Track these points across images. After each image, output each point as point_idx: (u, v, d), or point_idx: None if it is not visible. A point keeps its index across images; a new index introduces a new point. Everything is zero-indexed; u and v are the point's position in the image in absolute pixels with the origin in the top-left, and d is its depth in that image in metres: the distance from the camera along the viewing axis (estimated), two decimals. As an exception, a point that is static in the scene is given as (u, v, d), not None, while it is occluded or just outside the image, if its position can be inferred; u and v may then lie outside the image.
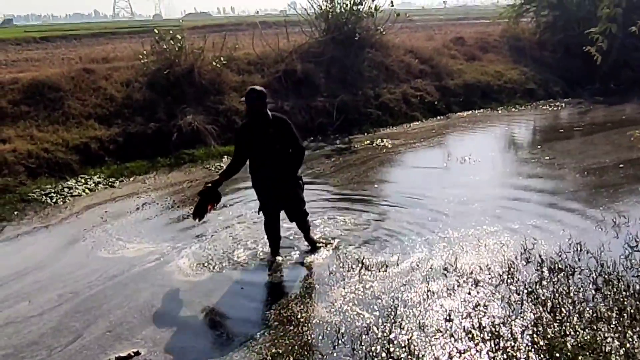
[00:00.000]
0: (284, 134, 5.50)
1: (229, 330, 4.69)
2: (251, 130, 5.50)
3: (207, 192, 5.67)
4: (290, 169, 5.66)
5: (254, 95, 5.33)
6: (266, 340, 4.50)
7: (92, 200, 8.24)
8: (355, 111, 13.05)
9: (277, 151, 5.51)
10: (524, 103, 15.63)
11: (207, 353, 4.38)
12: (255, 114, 5.39)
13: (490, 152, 10.69)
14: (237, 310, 5.03)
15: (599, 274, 5.29)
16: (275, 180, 5.61)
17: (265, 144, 5.46)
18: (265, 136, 5.44)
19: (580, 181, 8.44)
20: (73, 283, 5.62)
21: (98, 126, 10.44)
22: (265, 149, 5.49)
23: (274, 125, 5.47)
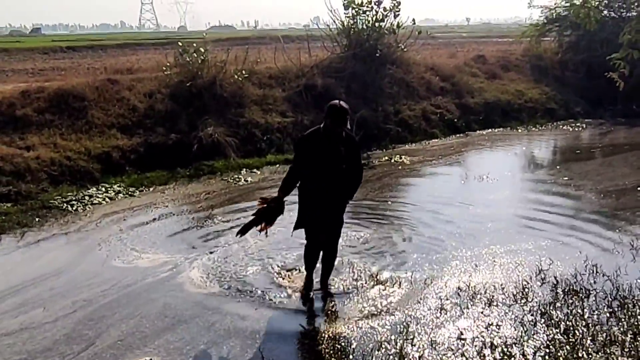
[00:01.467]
0: (352, 154, 5.12)
1: (242, 343, 4.71)
2: (321, 144, 5.00)
3: (267, 211, 5.21)
4: (349, 192, 5.28)
5: (343, 114, 4.87)
6: (280, 353, 4.53)
7: (111, 209, 8.35)
8: (375, 127, 13.09)
9: (342, 171, 5.08)
10: (544, 123, 15.57)
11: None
12: (337, 133, 4.93)
13: (509, 171, 10.65)
14: (249, 324, 5.04)
15: (615, 297, 5.27)
16: (332, 202, 5.20)
17: (333, 162, 5.02)
18: (336, 154, 5.00)
19: (597, 203, 8.39)
20: (87, 291, 5.69)
21: (120, 136, 10.60)
22: (332, 168, 5.04)
23: (346, 143, 5.05)
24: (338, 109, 4.88)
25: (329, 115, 4.89)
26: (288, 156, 11.21)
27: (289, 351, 4.55)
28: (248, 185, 9.62)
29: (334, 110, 4.89)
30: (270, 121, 12.14)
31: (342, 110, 4.87)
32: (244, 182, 9.81)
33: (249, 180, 9.91)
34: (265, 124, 12.02)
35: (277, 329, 4.95)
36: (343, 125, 4.89)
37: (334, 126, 4.89)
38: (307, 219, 5.30)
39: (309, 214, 5.26)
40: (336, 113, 4.88)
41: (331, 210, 5.24)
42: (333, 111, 4.89)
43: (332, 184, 5.09)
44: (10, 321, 5.10)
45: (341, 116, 4.86)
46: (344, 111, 4.87)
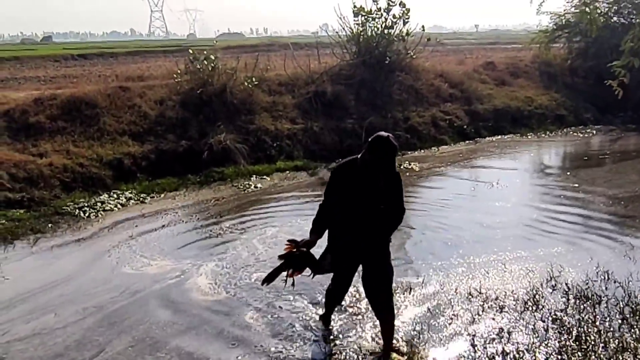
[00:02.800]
0: (393, 191, 4.22)
1: (251, 350, 4.73)
2: (357, 178, 4.16)
3: (298, 257, 4.35)
4: (386, 231, 4.34)
5: (391, 152, 4.02)
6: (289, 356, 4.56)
7: (123, 215, 8.41)
8: (384, 134, 13.07)
9: (379, 212, 4.22)
10: (554, 129, 15.54)
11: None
12: (379, 169, 4.08)
13: (519, 178, 10.65)
14: (257, 331, 5.07)
15: (626, 304, 5.26)
16: (364, 242, 4.30)
17: (369, 201, 4.19)
18: (373, 192, 4.17)
19: (607, 210, 8.37)
20: (97, 297, 5.74)
21: (131, 143, 10.67)
22: (368, 204, 4.20)
23: (387, 179, 4.17)
24: (384, 144, 3.98)
25: (373, 150, 3.99)
26: (298, 163, 11.29)
27: (298, 357, 4.56)
28: (258, 192, 9.66)
29: (379, 144, 3.98)
30: (280, 128, 12.19)
31: (389, 147, 3.98)
32: (254, 188, 9.85)
33: (259, 186, 9.95)
34: (275, 131, 12.07)
35: (285, 334, 4.95)
36: (388, 164, 4.05)
37: (375, 164, 4.03)
38: (336, 259, 4.46)
39: (339, 259, 4.45)
40: (381, 149, 3.99)
41: (365, 251, 4.35)
42: (378, 146, 3.99)
43: (368, 220, 4.22)
44: (22, 327, 5.15)
45: (387, 153, 4.01)
46: (391, 148, 3.99)
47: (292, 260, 4.33)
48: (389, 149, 3.98)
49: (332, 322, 5.09)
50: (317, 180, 10.42)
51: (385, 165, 4.03)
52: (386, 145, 3.97)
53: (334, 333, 4.95)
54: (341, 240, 4.38)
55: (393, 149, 3.99)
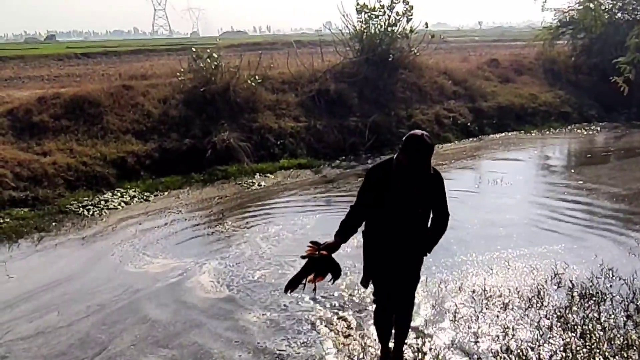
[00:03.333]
0: (432, 194, 3.86)
1: (254, 348, 4.72)
2: (391, 180, 3.79)
3: (320, 261, 3.97)
4: (427, 244, 4.00)
5: (426, 151, 3.63)
6: (293, 355, 4.56)
7: (127, 214, 8.42)
8: (388, 131, 13.09)
9: (417, 218, 3.89)
10: (558, 126, 15.51)
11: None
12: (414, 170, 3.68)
13: (523, 175, 10.62)
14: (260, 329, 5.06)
15: (631, 301, 5.24)
16: (403, 255, 3.95)
17: (405, 205, 3.81)
18: (410, 196, 3.79)
19: (612, 207, 8.34)
20: (100, 296, 5.74)
21: (135, 141, 10.68)
22: (402, 212, 3.83)
23: (426, 181, 3.79)
24: (420, 144, 3.61)
25: (407, 150, 3.63)
26: (301, 161, 11.28)
27: (302, 356, 4.56)
28: (262, 190, 9.66)
29: (414, 144, 3.62)
30: (283, 126, 12.19)
31: (425, 146, 3.61)
32: (258, 186, 9.85)
33: (262, 185, 9.95)
34: (279, 129, 12.06)
35: (290, 333, 4.95)
36: (423, 165, 3.65)
37: (411, 166, 3.65)
38: (373, 273, 4.11)
39: (375, 269, 4.08)
40: (416, 149, 3.61)
41: (403, 264, 4.00)
42: (413, 145, 3.62)
43: (407, 228, 3.88)
44: (25, 326, 5.16)
45: (423, 154, 3.62)
46: (427, 148, 3.62)
47: (314, 264, 3.95)
48: (424, 149, 3.59)
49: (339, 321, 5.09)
50: (320, 179, 10.42)
51: (421, 165, 3.62)
52: (420, 145, 3.59)
53: (338, 330, 4.94)
54: (375, 248, 4.02)
55: (428, 148, 3.61)
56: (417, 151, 3.59)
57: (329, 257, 3.95)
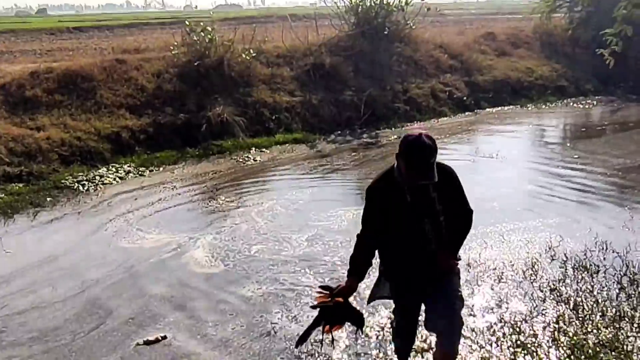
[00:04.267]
0: (450, 195, 3.27)
1: (248, 322, 4.74)
2: (401, 192, 3.18)
3: (335, 310, 3.28)
4: (453, 241, 3.38)
5: (426, 157, 3.00)
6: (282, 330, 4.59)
7: (122, 189, 8.41)
8: (383, 106, 13.05)
9: (437, 220, 3.25)
10: (554, 100, 15.46)
11: (228, 341, 4.46)
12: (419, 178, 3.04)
13: (518, 149, 10.64)
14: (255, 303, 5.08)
15: (624, 274, 5.27)
16: (429, 262, 3.29)
17: (426, 214, 3.22)
18: (424, 206, 3.20)
19: (607, 180, 8.37)
20: (95, 271, 5.75)
21: (129, 116, 10.62)
22: (425, 222, 3.22)
23: (438, 182, 3.09)
24: (418, 145, 3.01)
25: (402, 155, 3.06)
26: (297, 135, 11.26)
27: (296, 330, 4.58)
28: (257, 165, 9.65)
29: (410, 146, 3.03)
30: (278, 100, 12.12)
31: (423, 152, 2.99)
32: (253, 161, 9.83)
33: (258, 159, 9.93)
34: (274, 103, 12.00)
35: (286, 308, 4.97)
36: (426, 172, 3.01)
37: (410, 173, 3.05)
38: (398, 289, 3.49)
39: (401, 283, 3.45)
40: (413, 152, 3.02)
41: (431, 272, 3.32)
42: (409, 148, 3.03)
43: (426, 238, 3.24)
44: (21, 300, 5.18)
45: (422, 158, 3.00)
46: (426, 150, 2.99)
47: (326, 314, 3.28)
48: (423, 151, 2.98)
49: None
50: (315, 153, 10.41)
51: (422, 171, 3.00)
52: (420, 151, 2.99)
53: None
54: (397, 259, 3.36)
55: (428, 150, 2.98)
56: (415, 154, 2.99)
57: (346, 304, 3.27)
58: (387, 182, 3.22)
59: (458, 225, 3.36)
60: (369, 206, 3.29)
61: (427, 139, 3.00)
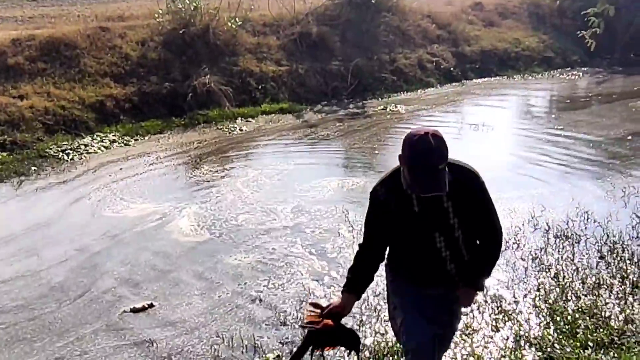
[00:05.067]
0: (468, 203, 2.56)
1: (234, 289, 4.78)
2: (404, 201, 2.55)
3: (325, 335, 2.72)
4: (475, 270, 2.72)
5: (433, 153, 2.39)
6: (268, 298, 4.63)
7: (106, 158, 8.37)
8: (370, 76, 13.01)
9: (452, 235, 2.60)
10: (540, 71, 15.48)
11: (214, 309, 4.48)
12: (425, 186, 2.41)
13: (504, 120, 10.68)
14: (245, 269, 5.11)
15: (605, 243, 5.35)
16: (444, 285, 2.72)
17: (431, 227, 2.58)
18: (435, 217, 2.56)
19: (590, 152, 8.45)
20: (80, 240, 5.74)
21: (114, 85, 10.51)
22: (430, 235, 2.59)
23: (455, 189, 2.47)
24: (421, 153, 2.38)
25: (405, 160, 2.44)
26: (283, 105, 11.22)
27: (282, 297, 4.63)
28: (243, 135, 9.63)
29: (413, 153, 2.40)
30: (264, 70, 12.03)
31: (428, 156, 2.37)
32: (239, 131, 9.81)
33: (244, 129, 9.91)
34: (260, 73, 11.91)
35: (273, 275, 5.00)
36: (432, 183, 2.38)
37: (414, 185, 2.42)
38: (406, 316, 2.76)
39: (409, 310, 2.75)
40: (417, 161, 2.39)
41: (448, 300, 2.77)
42: (411, 155, 2.40)
43: (440, 256, 2.63)
44: (6, 269, 5.18)
45: (428, 169, 2.38)
46: (432, 157, 2.37)
47: (313, 337, 2.73)
48: (430, 161, 2.36)
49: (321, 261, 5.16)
50: (301, 123, 10.40)
51: (431, 182, 2.37)
52: (424, 156, 2.37)
53: (321, 272, 5.02)
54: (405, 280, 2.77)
55: (437, 157, 2.38)
56: (418, 160, 2.37)
57: (338, 328, 2.73)
58: (392, 185, 2.57)
59: (482, 249, 2.69)
60: (371, 211, 2.68)
61: (435, 139, 2.36)
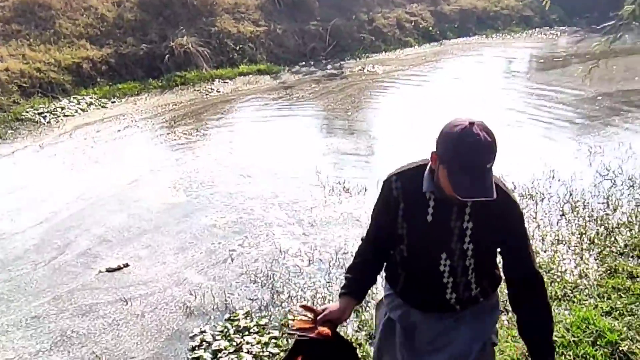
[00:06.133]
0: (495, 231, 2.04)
1: (208, 248, 4.91)
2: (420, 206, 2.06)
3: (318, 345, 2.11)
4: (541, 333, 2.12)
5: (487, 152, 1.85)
6: (242, 257, 4.77)
7: (83, 121, 8.39)
8: (349, 36, 13.00)
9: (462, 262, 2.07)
10: (519, 31, 15.55)
11: (187, 268, 4.61)
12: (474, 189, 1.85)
13: (481, 80, 10.76)
14: (221, 229, 5.23)
15: (567, 201, 5.54)
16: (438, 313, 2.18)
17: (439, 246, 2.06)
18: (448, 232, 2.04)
19: (559, 112, 8.61)
20: (54, 203, 5.80)
21: (90, 46, 10.43)
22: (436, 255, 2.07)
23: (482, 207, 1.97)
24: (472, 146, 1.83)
25: (448, 156, 1.89)
26: (261, 66, 11.23)
27: (255, 255, 4.78)
28: (220, 96, 9.67)
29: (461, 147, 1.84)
30: (242, 30, 11.98)
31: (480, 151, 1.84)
32: (217, 93, 9.84)
33: (221, 91, 9.94)
34: (238, 34, 11.86)
35: (250, 234, 5.12)
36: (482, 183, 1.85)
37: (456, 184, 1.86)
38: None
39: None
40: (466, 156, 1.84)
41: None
42: (459, 150, 1.84)
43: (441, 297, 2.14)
44: (-21, 232, 5.25)
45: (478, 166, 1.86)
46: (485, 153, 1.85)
47: (303, 347, 2.14)
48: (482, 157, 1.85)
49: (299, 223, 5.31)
50: (279, 85, 10.44)
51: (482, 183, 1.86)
52: (476, 151, 1.84)
53: (299, 233, 5.18)
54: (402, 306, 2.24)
55: (490, 153, 1.86)
56: (468, 155, 1.84)
57: (336, 337, 2.19)
58: (410, 182, 2.09)
59: (522, 299, 2.10)
60: (380, 202, 2.22)
61: (485, 133, 1.84)
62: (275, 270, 4.50)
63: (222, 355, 3.50)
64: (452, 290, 2.11)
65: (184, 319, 3.92)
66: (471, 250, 2.04)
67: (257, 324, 3.79)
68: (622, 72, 10.75)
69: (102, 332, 3.82)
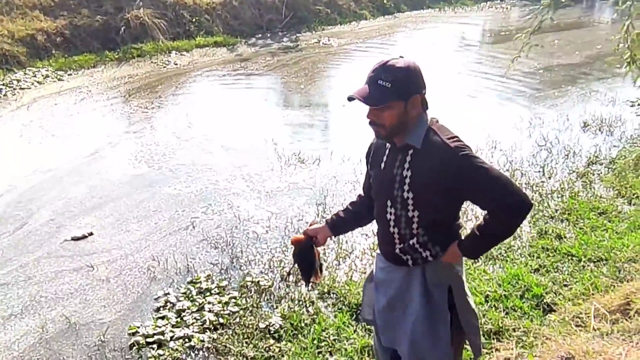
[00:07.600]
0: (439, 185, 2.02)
1: (171, 215, 5.12)
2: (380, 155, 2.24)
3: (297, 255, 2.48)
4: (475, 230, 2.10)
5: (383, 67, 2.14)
6: (203, 224, 5.03)
7: (39, 93, 8.43)
8: (305, 8, 13.15)
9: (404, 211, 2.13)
10: (471, 4, 15.88)
11: (149, 235, 4.83)
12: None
13: (434, 52, 11.06)
14: (186, 197, 5.45)
15: (506, 170, 5.89)
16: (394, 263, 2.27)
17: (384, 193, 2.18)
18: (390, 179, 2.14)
19: (503, 85, 9.01)
20: (13, 176, 5.91)
21: (44, 18, 10.37)
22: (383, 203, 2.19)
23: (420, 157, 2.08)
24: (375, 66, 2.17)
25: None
26: (217, 39, 11.33)
27: (217, 222, 5.03)
28: (177, 69, 9.77)
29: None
30: (198, 2, 12.02)
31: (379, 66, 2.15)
32: (174, 65, 9.93)
33: (178, 63, 10.03)
34: (194, 5, 11.90)
35: (212, 200, 5.36)
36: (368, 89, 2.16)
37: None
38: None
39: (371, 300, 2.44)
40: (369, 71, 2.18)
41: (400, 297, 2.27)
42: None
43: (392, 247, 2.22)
44: (-60, 206, 5.33)
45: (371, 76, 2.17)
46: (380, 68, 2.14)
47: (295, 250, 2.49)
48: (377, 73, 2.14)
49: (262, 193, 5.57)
50: (235, 57, 10.56)
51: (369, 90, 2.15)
52: (375, 69, 2.15)
53: (261, 199, 5.43)
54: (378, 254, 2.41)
55: (385, 73, 2.12)
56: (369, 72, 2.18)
57: (305, 246, 2.45)
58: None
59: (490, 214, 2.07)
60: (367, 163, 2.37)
61: (400, 62, 2.12)
62: (235, 237, 4.76)
63: (185, 314, 3.77)
64: (399, 241, 2.18)
65: (149, 283, 4.17)
66: (411, 199, 2.09)
67: (218, 286, 4.05)
68: (564, 46, 11.21)
69: (69, 297, 4.03)
